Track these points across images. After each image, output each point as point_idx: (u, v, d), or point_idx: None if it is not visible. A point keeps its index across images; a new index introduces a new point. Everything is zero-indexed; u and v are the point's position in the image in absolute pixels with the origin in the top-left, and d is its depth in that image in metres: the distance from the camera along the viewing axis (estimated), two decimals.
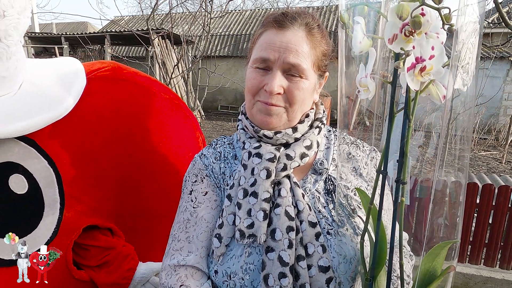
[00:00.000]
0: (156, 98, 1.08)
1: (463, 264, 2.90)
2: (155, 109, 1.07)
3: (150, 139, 1.06)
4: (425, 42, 0.50)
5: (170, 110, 1.10)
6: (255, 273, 0.75)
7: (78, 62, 0.98)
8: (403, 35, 0.50)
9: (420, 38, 0.50)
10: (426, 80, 0.52)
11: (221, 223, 0.80)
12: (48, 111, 0.82)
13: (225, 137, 0.96)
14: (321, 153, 0.89)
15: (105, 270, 0.98)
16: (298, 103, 0.82)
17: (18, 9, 0.75)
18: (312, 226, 0.76)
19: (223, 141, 0.94)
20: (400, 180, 0.56)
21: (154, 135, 1.07)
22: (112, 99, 1.01)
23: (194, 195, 0.87)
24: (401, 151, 0.56)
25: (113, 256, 0.99)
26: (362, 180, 0.86)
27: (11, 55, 0.77)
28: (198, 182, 0.88)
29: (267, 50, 0.80)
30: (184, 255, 0.82)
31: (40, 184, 0.86)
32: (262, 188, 0.77)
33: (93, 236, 0.99)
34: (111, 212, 1.04)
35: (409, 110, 0.54)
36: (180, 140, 1.12)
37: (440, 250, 0.62)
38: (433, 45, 0.50)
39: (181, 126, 1.13)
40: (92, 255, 0.98)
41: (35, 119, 0.79)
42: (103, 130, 0.98)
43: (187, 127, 1.14)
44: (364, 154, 0.89)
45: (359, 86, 0.57)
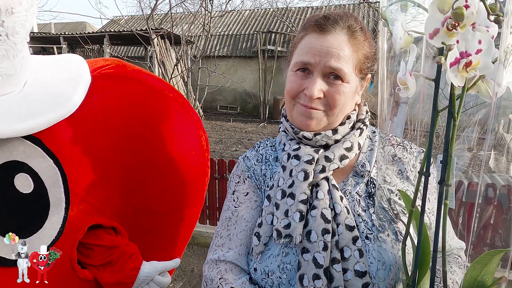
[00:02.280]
0: (160, 97, 1.06)
1: None
2: (159, 108, 1.06)
3: (154, 138, 1.05)
4: (470, 35, 0.47)
5: (174, 109, 1.09)
6: (292, 272, 0.76)
7: (81, 59, 0.96)
8: (445, 29, 0.47)
9: (465, 31, 0.47)
10: (473, 76, 0.49)
11: (260, 222, 0.82)
12: (54, 110, 0.81)
13: (269, 139, 0.99)
14: (364, 155, 0.87)
15: (109, 269, 0.97)
16: (338, 107, 0.81)
17: (26, 5, 0.74)
18: (350, 229, 0.75)
19: (266, 144, 0.97)
20: (444, 182, 0.53)
21: (158, 134, 1.06)
22: (116, 98, 0.99)
23: (236, 195, 0.91)
24: (445, 151, 0.53)
25: (117, 255, 0.98)
26: (409, 184, 0.83)
27: (18, 53, 0.76)
28: (241, 183, 0.91)
29: (308, 54, 0.80)
30: (224, 251, 0.86)
31: (46, 183, 0.85)
32: (299, 189, 0.78)
33: (97, 235, 0.98)
34: (115, 211, 1.03)
35: (453, 108, 0.52)
36: (183, 139, 1.11)
37: (490, 258, 0.58)
38: (480, 39, 0.47)
39: (184, 125, 1.11)
40: (96, 254, 0.97)
41: (40, 118, 0.78)
42: (108, 129, 0.97)
43: (190, 126, 1.13)
44: (411, 156, 0.86)
45: (399, 84, 0.55)
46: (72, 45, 11.49)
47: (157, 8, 6.40)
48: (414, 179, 0.84)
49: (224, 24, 13.99)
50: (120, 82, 1.01)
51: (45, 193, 0.85)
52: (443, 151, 0.53)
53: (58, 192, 0.87)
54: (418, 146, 0.88)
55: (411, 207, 0.61)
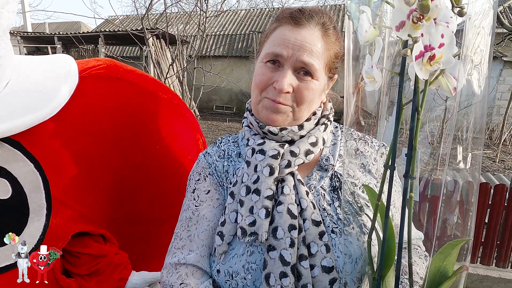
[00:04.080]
0: (153, 98, 1.04)
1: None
2: (152, 110, 1.03)
3: (146, 142, 1.02)
4: (434, 29, 0.48)
5: (168, 111, 1.06)
6: (257, 272, 0.74)
7: (71, 60, 0.94)
8: (411, 22, 0.48)
9: (429, 25, 0.48)
10: (436, 69, 0.50)
11: (223, 220, 0.78)
12: (34, 111, 0.78)
13: (231, 135, 0.95)
14: (327, 149, 0.87)
15: (96, 279, 0.95)
16: (306, 103, 0.80)
17: (1, 2, 0.72)
18: (316, 224, 0.74)
19: (228, 139, 0.93)
20: (409, 175, 0.54)
21: (150, 137, 1.03)
22: (105, 99, 0.97)
23: (197, 193, 0.86)
24: (409, 145, 0.54)
25: (104, 264, 0.96)
26: (371, 177, 0.83)
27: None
28: (201, 181, 0.87)
29: (281, 46, 0.78)
30: (185, 254, 0.81)
31: (25, 188, 0.82)
32: (265, 185, 0.76)
33: (83, 243, 0.95)
34: (105, 217, 1.00)
35: (418, 102, 0.53)
36: (178, 143, 1.08)
37: (452, 249, 0.60)
38: (442, 33, 0.48)
39: (179, 128, 1.08)
40: (83, 263, 0.95)
41: (19, 120, 0.75)
42: (95, 132, 0.94)
43: (186, 128, 1.10)
44: (373, 150, 0.86)
45: (365, 77, 0.55)
46: (67, 45, 11.43)
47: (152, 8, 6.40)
48: (375, 173, 0.84)
49: (220, 24, 13.97)
50: (109, 83, 0.98)
51: (24, 199, 0.82)
52: (407, 145, 0.54)
53: (39, 198, 0.84)
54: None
55: (376, 201, 0.61)
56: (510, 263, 2.88)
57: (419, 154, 0.55)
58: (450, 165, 0.55)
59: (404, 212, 0.55)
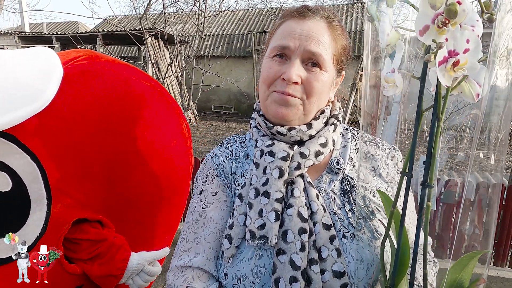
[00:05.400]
0: (136, 86, 1.05)
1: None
2: (136, 97, 1.05)
3: (132, 128, 1.04)
4: (459, 34, 0.46)
5: (152, 98, 1.08)
6: (266, 276, 0.71)
7: (52, 52, 0.95)
8: (436, 26, 0.47)
9: (454, 29, 0.46)
10: (459, 75, 0.48)
11: (231, 223, 0.76)
12: (26, 104, 0.79)
13: (238, 135, 0.93)
14: (337, 152, 0.85)
15: (98, 262, 0.97)
16: (316, 95, 0.78)
17: None
18: (327, 228, 0.72)
19: (235, 140, 0.91)
20: (427, 183, 0.53)
21: (136, 123, 1.05)
22: (90, 89, 0.98)
23: (204, 195, 0.84)
24: (428, 152, 0.52)
25: (105, 248, 0.98)
26: (382, 181, 0.81)
27: None
28: (208, 182, 0.85)
29: (287, 38, 0.77)
30: (191, 256, 0.79)
31: (24, 180, 0.84)
32: (274, 187, 0.74)
33: (82, 229, 0.97)
34: (100, 204, 1.03)
35: (438, 108, 0.51)
36: (164, 128, 1.10)
37: (469, 260, 0.58)
38: (468, 38, 0.47)
39: (163, 113, 1.10)
40: (83, 249, 0.97)
41: (12, 114, 0.76)
42: (84, 122, 0.96)
43: (170, 114, 1.12)
44: (383, 153, 0.84)
45: (385, 82, 0.54)
46: (65, 45, 11.38)
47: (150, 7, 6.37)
48: (386, 176, 0.82)
49: (218, 24, 13.95)
50: (93, 74, 0.99)
51: (25, 190, 0.84)
52: (426, 152, 0.52)
53: (39, 188, 0.86)
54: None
55: (392, 208, 0.59)
56: (508, 262, 2.88)
57: (438, 162, 0.54)
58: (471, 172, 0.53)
59: (420, 222, 0.53)
